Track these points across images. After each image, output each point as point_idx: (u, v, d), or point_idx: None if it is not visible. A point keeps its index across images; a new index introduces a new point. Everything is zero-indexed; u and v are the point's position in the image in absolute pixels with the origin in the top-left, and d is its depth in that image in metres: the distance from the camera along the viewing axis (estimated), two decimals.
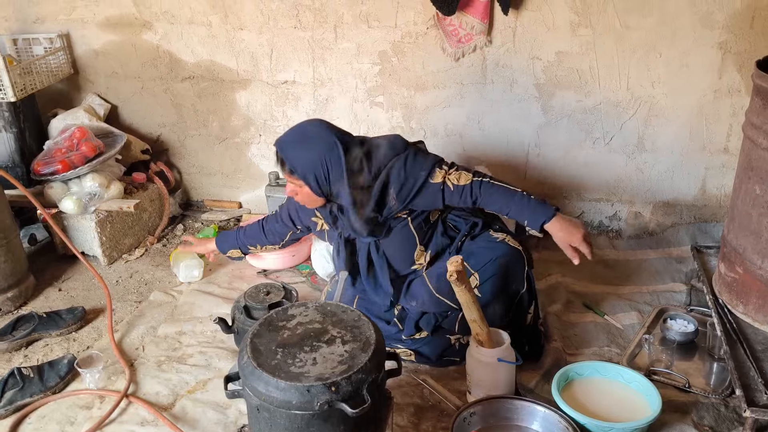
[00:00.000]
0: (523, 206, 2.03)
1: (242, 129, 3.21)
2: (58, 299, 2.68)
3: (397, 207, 2.08)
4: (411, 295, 2.20)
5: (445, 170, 2.07)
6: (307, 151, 2.03)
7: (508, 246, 2.13)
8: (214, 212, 3.36)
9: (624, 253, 2.88)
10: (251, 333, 1.62)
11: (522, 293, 2.14)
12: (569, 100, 2.79)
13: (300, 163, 2.03)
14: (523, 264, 2.12)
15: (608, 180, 2.91)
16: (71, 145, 2.90)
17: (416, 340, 2.19)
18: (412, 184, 2.05)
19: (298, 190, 2.10)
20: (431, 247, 2.21)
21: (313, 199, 2.11)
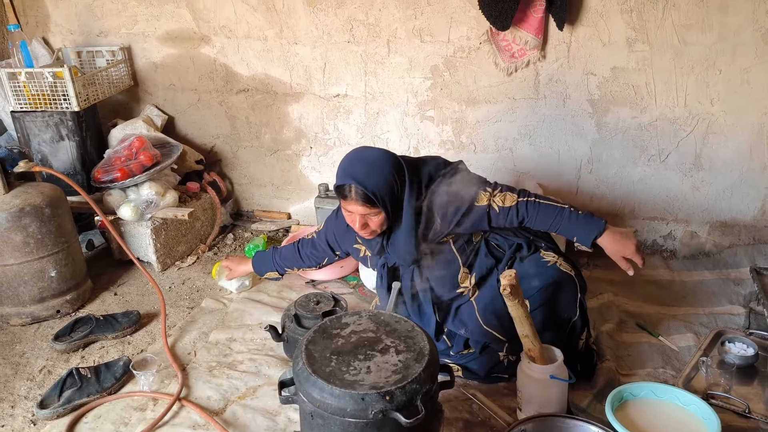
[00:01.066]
0: (572, 223, 2.01)
1: (294, 141, 3.26)
2: (113, 303, 2.75)
3: (443, 231, 2.05)
4: (459, 321, 2.17)
5: (490, 192, 2.04)
6: (381, 176, 1.96)
7: (559, 271, 2.08)
8: (264, 222, 3.41)
9: (679, 274, 2.81)
10: (306, 339, 1.63)
11: (574, 321, 2.09)
12: (624, 116, 2.76)
13: (381, 189, 1.95)
14: (575, 291, 2.08)
15: (663, 198, 2.86)
16: (130, 154, 2.99)
17: (464, 355, 2.17)
18: (455, 207, 2.02)
19: (371, 220, 2.02)
20: (476, 269, 2.16)
21: (384, 224, 2.04)
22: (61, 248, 2.59)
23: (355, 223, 2.03)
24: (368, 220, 2.02)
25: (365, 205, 1.96)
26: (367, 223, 2.02)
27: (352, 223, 2.05)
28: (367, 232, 2.06)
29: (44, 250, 2.53)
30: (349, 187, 1.97)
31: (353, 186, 1.95)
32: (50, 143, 3.03)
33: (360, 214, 2.00)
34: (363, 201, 1.96)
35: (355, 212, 2.00)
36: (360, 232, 2.06)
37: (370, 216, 2.00)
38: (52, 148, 3.04)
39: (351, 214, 2.03)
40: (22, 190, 2.53)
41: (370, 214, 1.99)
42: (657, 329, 2.45)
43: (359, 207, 1.98)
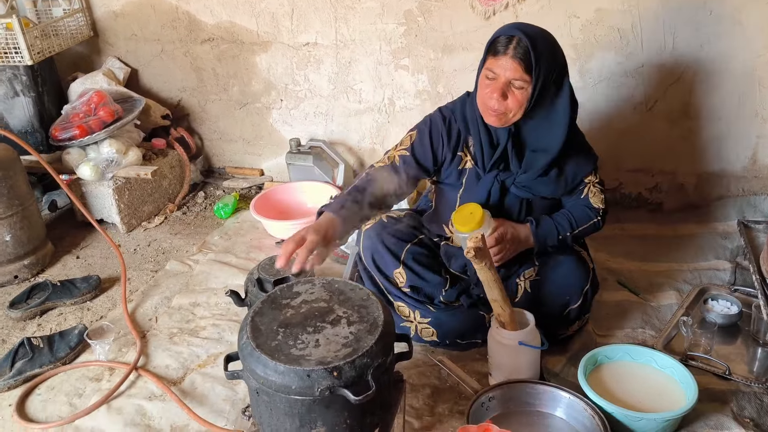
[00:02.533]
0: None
1: (263, 93, 3.09)
2: (75, 267, 2.65)
3: (563, 175, 1.93)
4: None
5: (593, 179, 1.98)
6: (551, 45, 1.74)
7: (580, 256, 2.00)
8: (236, 179, 3.27)
9: (664, 228, 2.69)
10: (253, 311, 1.53)
11: (572, 308, 1.97)
12: (609, 62, 2.59)
13: (546, 56, 1.69)
14: (586, 279, 1.97)
15: (649, 149, 2.71)
16: (89, 110, 2.83)
17: (448, 308, 2.02)
18: (579, 167, 1.93)
19: (513, 94, 1.72)
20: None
21: (523, 106, 1.74)
22: (15, 211, 2.46)
23: (494, 92, 1.71)
24: (509, 91, 1.72)
25: (521, 65, 1.67)
26: (506, 94, 1.72)
27: (490, 92, 1.73)
28: (500, 110, 1.74)
29: None
30: (510, 38, 1.68)
31: (518, 38, 1.67)
32: (4, 100, 2.86)
33: (507, 77, 1.69)
34: (521, 59, 1.67)
35: (502, 75, 1.70)
36: (493, 103, 1.73)
37: (514, 86, 1.71)
38: (7, 104, 2.87)
39: (494, 79, 1.72)
40: None
41: (518, 82, 1.70)
42: (638, 287, 2.35)
43: (512, 66, 1.68)
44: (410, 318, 2.02)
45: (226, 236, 2.81)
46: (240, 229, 2.86)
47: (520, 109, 1.76)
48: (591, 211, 1.98)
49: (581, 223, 1.97)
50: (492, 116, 1.79)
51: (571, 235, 1.95)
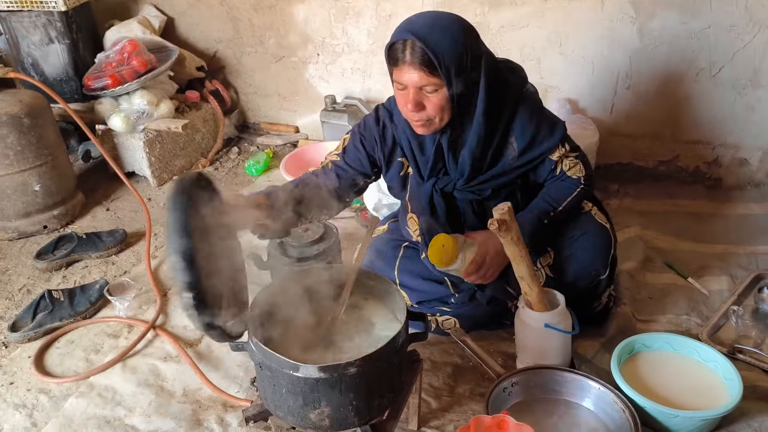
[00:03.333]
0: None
1: (300, 47, 2.97)
2: (104, 219, 2.63)
3: (513, 164, 1.71)
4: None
5: (566, 150, 1.73)
6: (448, 36, 1.50)
7: (594, 221, 1.81)
8: (271, 136, 3.19)
9: (722, 206, 2.48)
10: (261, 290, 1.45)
11: (601, 278, 1.82)
12: (672, 22, 2.35)
13: (445, 51, 1.48)
14: (609, 245, 1.80)
15: (711, 119, 2.48)
16: (122, 59, 2.77)
17: (465, 303, 1.90)
18: (537, 146, 1.69)
19: (428, 99, 1.55)
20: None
21: (444, 109, 1.57)
22: (44, 161, 2.45)
23: (407, 103, 1.56)
24: (424, 98, 1.55)
25: (422, 69, 1.49)
26: (422, 103, 1.56)
27: (403, 103, 1.58)
28: (422, 119, 1.58)
29: (25, 162, 2.40)
30: (404, 44, 1.50)
31: (410, 41, 1.49)
32: (39, 46, 2.83)
33: (415, 85, 1.53)
34: (420, 63, 1.49)
35: (410, 83, 1.53)
36: (411, 115, 1.58)
37: (427, 91, 1.54)
38: (42, 51, 2.84)
39: (403, 89, 1.56)
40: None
41: (428, 86, 1.53)
42: (688, 269, 2.17)
43: (415, 73, 1.51)
44: (429, 316, 1.91)
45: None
46: None
47: (444, 111, 1.58)
48: (569, 183, 1.76)
49: (562, 198, 1.76)
50: (418, 127, 1.63)
51: (559, 211, 1.75)
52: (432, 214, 1.78)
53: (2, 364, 1.91)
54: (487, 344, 1.89)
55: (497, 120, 1.64)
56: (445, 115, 1.59)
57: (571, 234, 1.80)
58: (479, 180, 1.73)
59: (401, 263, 1.94)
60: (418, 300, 1.91)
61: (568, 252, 1.81)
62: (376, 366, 1.31)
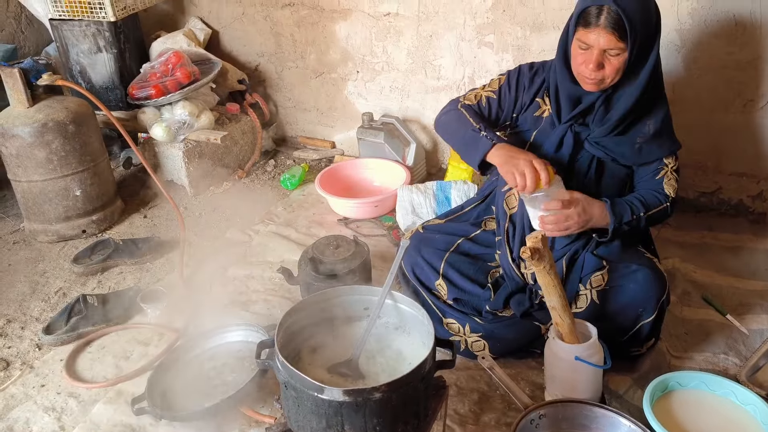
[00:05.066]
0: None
1: (340, 64, 2.99)
2: (141, 226, 2.68)
3: (642, 142, 1.79)
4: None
5: (674, 164, 1.85)
6: (642, 4, 1.62)
7: (654, 264, 1.82)
8: (307, 150, 3.21)
9: (764, 242, 2.40)
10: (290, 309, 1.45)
11: (644, 323, 1.77)
12: (719, 51, 2.31)
13: (640, 18, 1.60)
14: (663, 289, 1.77)
15: (757, 152, 2.42)
16: (166, 70, 2.83)
17: (498, 319, 1.89)
18: (664, 139, 1.81)
19: (610, 61, 1.65)
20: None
21: (620, 72, 1.67)
22: (86, 167, 2.50)
23: (590, 62, 1.64)
24: (606, 60, 1.64)
25: (614, 33, 1.59)
26: (602, 63, 1.65)
27: (583, 63, 1.67)
28: (597, 78, 1.67)
29: (68, 168, 2.46)
30: (600, 8, 1.59)
31: (607, 7, 1.58)
32: (88, 55, 2.91)
33: (601, 47, 1.62)
34: (614, 27, 1.59)
35: (596, 45, 1.62)
36: (590, 73, 1.66)
37: (610, 54, 1.64)
38: (90, 60, 2.91)
39: (587, 49, 1.65)
40: (46, 104, 2.43)
41: (613, 50, 1.62)
42: (726, 305, 2.10)
43: (605, 36, 1.60)
44: (460, 333, 1.89)
45: (290, 208, 2.76)
46: (304, 203, 2.80)
47: (618, 73, 1.69)
48: (661, 196, 1.83)
49: (652, 206, 1.81)
50: (589, 84, 1.72)
51: (645, 216, 1.79)
52: (556, 151, 1.82)
53: (35, 366, 1.94)
54: (516, 373, 1.85)
55: (652, 90, 1.74)
56: (617, 77, 1.69)
57: (628, 266, 1.78)
58: (612, 139, 1.78)
59: (450, 256, 1.95)
60: (455, 297, 1.90)
61: (620, 282, 1.77)
62: (402, 392, 1.30)
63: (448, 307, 1.92)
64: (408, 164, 2.80)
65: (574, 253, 1.86)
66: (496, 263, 1.97)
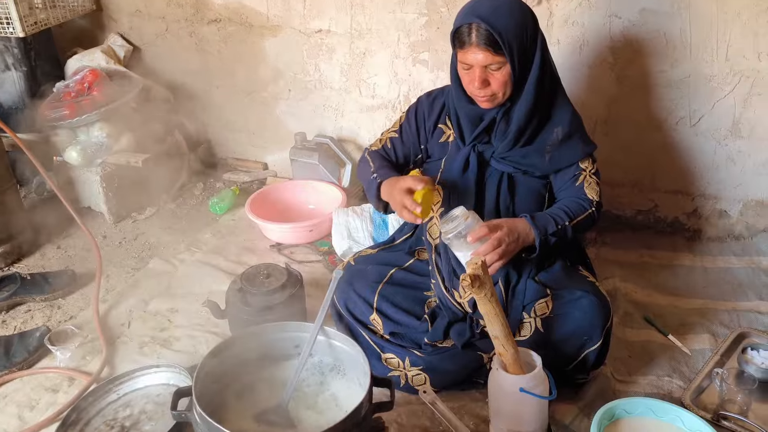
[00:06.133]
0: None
1: (270, 82, 2.87)
2: (54, 258, 2.47)
3: (552, 149, 1.77)
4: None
5: (590, 165, 1.82)
6: (510, 16, 1.61)
7: (598, 290, 1.76)
8: (238, 173, 3.06)
9: (701, 259, 2.41)
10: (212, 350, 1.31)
11: (590, 351, 1.72)
12: (651, 69, 2.31)
13: (509, 31, 1.59)
14: (608, 316, 1.72)
15: (690, 169, 2.43)
16: (82, 89, 2.64)
17: (438, 350, 1.78)
18: (575, 143, 1.78)
19: (493, 76, 1.64)
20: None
21: (507, 84, 1.66)
22: None
23: (474, 81, 1.65)
24: (489, 76, 1.65)
25: (488, 49, 1.60)
26: (487, 80, 1.65)
27: (469, 81, 1.68)
28: (487, 95, 1.68)
29: None
30: (469, 26, 1.60)
31: (475, 24, 1.59)
32: None
33: (481, 65, 1.62)
34: (486, 44, 1.59)
35: (476, 63, 1.63)
36: (477, 92, 1.67)
37: (492, 69, 1.64)
38: None
39: (469, 69, 1.66)
40: None
41: (493, 65, 1.63)
42: (667, 325, 2.08)
43: (480, 54, 1.61)
44: (399, 368, 1.79)
45: (219, 235, 2.60)
46: (235, 228, 2.65)
47: (507, 86, 1.68)
48: (584, 202, 1.80)
49: (577, 213, 1.77)
50: (482, 102, 1.72)
51: (571, 225, 1.74)
52: (462, 173, 1.80)
53: None
54: (459, 406, 1.76)
55: (545, 95, 1.73)
56: (508, 90, 1.69)
57: (572, 292, 1.72)
58: (517, 152, 1.77)
59: (384, 288, 1.84)
60: (391, 331, 1.80)
61: (564, 310, 1.71)
62: None
63: (386, 342, 1.81)
64: (344, 185, 2.69)
65: (509, 277, 1.79)
66: (433, 292, 1.88)
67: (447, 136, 1.87)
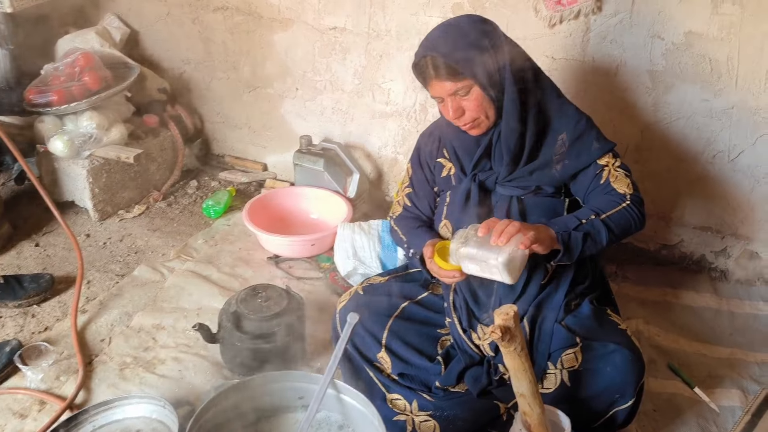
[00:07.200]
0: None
1: (277, 78, 2.67)
2: (31, 258, 2.27)
3: (562, 157, 1.62)
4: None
5: (614, 162, 1.64)
6: (461, 36, 1.53)
7: (631, 342, 1.57)
8: (235, 172, 2.87)
9: (728, 302, 2.26)
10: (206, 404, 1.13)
11: (620, 409, 1.55)
12: (692, 97, 2.14)
13: (463, 52, 1.51)
14: (642, 371, 1.55)
15: (724, 206, 2.27)
16: (72, 74, 2.43)
17: (450, 395, 1.62)
18: (585, 146, 1.62)
19: (466, 102, 1.55)
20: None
21: (485, 106, 1.56)
22: None
23: (449, 111, 1.56)
24: (462, 102, 1.55)
25: (449, 78, 1.52)
26: (461, 108, 1.56)
27: (446, 113, 1.59)
28: (467, 122, 1.58)
29: None
30: (425, 61, 1.54)
31: (429, 58, 1.53)
32: None
33: (449, 94, 1.54)
34: (446, 73, 1.51)
35: (444, 94, 1.55)
36: (456, 122, 1.59)
37: (461, 95, 1.54)
38: None
39: (442, 101, 1.58)
40: None
41: (460, 91, 1.53)
42: (694, 376, 1.93)
43: (444, 84, 1.53)
44: (406, 411, 1.62)
45: (212, 241, 2.41)
46: (229, 235, 2.46)
47: (486, 109, 1.57)
48: (614, 197, 1.61)
49: (606, 209, 1.58)
50: (470, 130, 1.63)
51: (599, 219, 1.55)
52: (465, 206, 1.68)
53: None
54: None
55: (533, 108, 1.59)
56: (489, 112, 1.58)
57: (605, 345, 1.54)
58: (522, 172, 1.64)
59: (394, 323, 1.68)
60: (400, 371, 1.64)
61: (595, 365, 1.54)
62: None
63: (393, 382, 1.64)
64: (350, 196, 2.51)
65: (537, 318, 1.63)
66: (447, 330, 1.71)
67: (448, 170, 1.75)
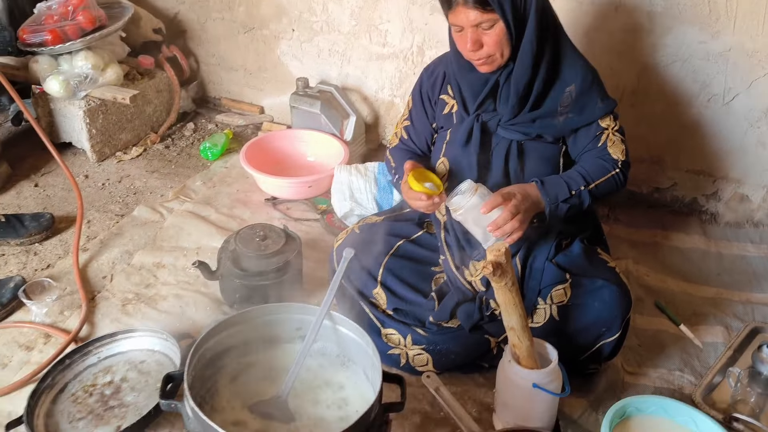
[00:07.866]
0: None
1: (273, 19, 2.64)
2: (31, 197, 2.29)
3: (566, 110, 1.63)
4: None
5: (614, 125, 1.67)
6: None
7: (619, 278, 1.63)
8: (232, 115, 2.86)
9: (716, 244, 2.30)
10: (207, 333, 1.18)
11: (606, 342, 1.61)
12: (690, 39, 2.13)
13: None
14: (629, 306, 1.61)
15: (717, 150, 2.29)
16: (66, 13, 2.41)
17: (444, 330, 1.68)
18: (589, 103, 1.63)
19: (486, 36, 1.52)
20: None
21: (503, 44, 1.53)
22: None
23: (467, 43, 1.53)
24: (482, 36, 1.52)
25: (477, 7, 1.48)
26: (480, 41, 1.53)
27: (462, 44, 1.55)
28: (482, 57, 1.55)
29: None
30: None
31: None
32: None
33: (472, 24, 1.50)
34: (475, 1, 1.47)
35: (466, 24, 1.51)
36: (472, 54, 1.55)
37: (483, 28, 1.51)
38: None
39: (461, 31, 1.54)
40: None
41: (484, 23, 1.50)
42: (679, 314, 1.98)
43: (470, 13, 1.49)
44: (400, 345, 1.67)
45: (210, 183, 2.43)
46: (227, 177, 2.48)
47: (503, 46, 1.55)
48: (608, 162, 1.65)
49: (596, 176, 1.63)
50: (481, 65, 1.60)
51: (587, 190, 1.61)
52: (465, 146, 1.67)
53: None
54: (462, 391, 1.66)
55: (548, 52, 1.58)
56: (505, 50, 1.56)
57: (593, 281, 1.60)
58: (524, 117, 1.63)
59: (390, 261, 1.73)
60: (395, 307, 1.69)
61: (584, 299, 1.59)
62: None
63: (387, 317, 1.70)
64: (346, 139, 2.52)
65: (527, 255, 1.67)
66: (441, 268, 1.76)
67: (450, 107, 1.74)
